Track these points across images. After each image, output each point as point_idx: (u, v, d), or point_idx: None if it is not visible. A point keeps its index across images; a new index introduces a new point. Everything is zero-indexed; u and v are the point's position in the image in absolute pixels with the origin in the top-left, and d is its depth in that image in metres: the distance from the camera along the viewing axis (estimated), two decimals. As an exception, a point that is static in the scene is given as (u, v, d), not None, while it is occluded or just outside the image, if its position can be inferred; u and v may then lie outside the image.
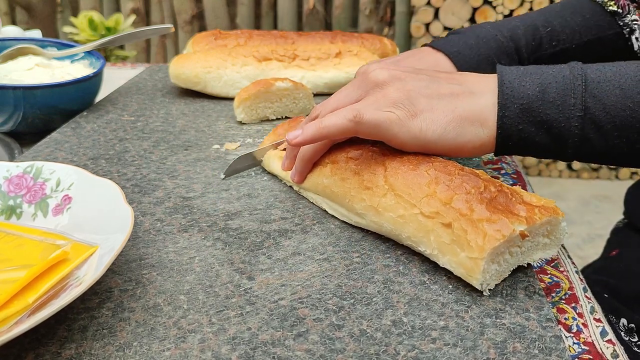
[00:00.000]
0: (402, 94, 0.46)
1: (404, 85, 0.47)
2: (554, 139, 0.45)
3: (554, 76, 0.45)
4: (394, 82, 0.47)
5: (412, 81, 0.47)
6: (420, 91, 0.46)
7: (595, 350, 0.37)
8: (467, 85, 0.47)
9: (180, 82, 0.81)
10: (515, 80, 0.45)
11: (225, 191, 0.54)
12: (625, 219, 0.77)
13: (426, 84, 0.47)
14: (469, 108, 0.46)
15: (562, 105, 0.44)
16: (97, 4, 2.74)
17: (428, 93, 0.46)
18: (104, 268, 0.36)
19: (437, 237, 0.41)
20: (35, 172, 0.48)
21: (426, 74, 0.48)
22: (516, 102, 0.45)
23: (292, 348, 0.35)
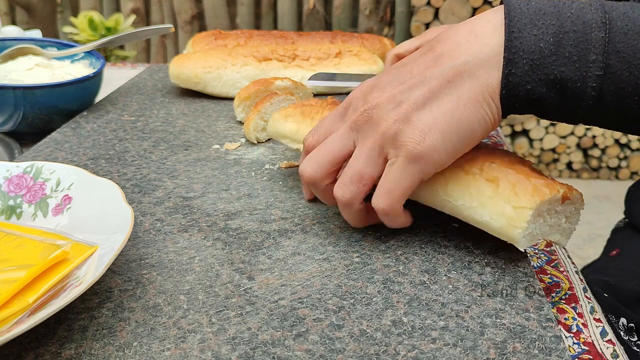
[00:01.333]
0: (383, 138, 0.41)
1: (377, 127, 0.41)
2: (566, 100, 0.39)
3: (573, 22, 0.38)
4: (366, 127, 0.42)
5: (384, 112, 0.41)
6: (397, 119, 0.41)
7: (595, 350, 0.37)
8: (458, 53, 0.40)
9: (180, 82, 0.81)
10: (527, 26, 0.38)
11: (225, 191, 0.54)
12: (625, 218, 0.77)
13: (398, 101, 0.41)
14: (466, 99, 0.40)
15: (580, 62, 0.38)
16: (97, 4, 2.74)
17: (406, 113, 0.41)
18: (104, 268, 0.36)
19: (479, 191, 0.41)
20: (35, 172, 0.48)
21: (398, 79, 0.42)
22: (526, 57, 0.38)
23: (292, 348, 0.35)
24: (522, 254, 0.44)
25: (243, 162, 0.61)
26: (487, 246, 0.45)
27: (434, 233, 0.47)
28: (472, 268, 0.42)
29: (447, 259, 0.44)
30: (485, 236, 0.46)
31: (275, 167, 0.60)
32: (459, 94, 0.40)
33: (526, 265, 0.43)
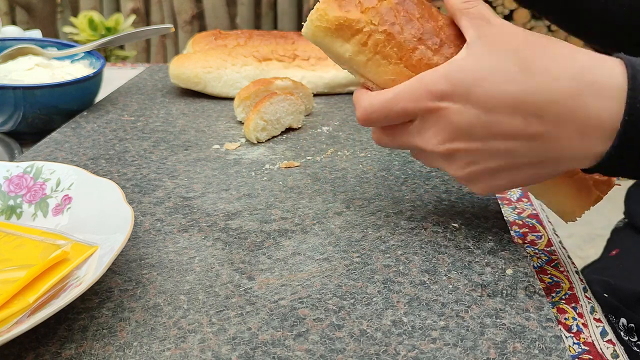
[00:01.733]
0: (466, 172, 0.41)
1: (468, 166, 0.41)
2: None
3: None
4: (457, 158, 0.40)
5: (458, 165, 0.41)
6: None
7: (595, 350, 0.37)
8: (558, 147, 0.37)
9: (180, 82, 0.81)
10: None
11: (225, 191, 0.54)
12: (625, 218, 0.77)
13: (474, 160, 0.40)
14: (544, 176, 0.40)
15: None
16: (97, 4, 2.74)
17: (477, 175, 0.41)
18: (104, 268, 0.36)
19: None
20: (35, 172, 0.48)
21: (487, 130, 0.38)
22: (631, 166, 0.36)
23: (292, 348, 0.35)
24: (522, 254, 0.44)
25: (243, 162, 0.61)
26: (487, 246, 0.45)
27: (434, 233, 0.47)
28: (472, 268, 0.42)
29: (447, 259, 0.44)
30: (485, 236, 0.46)
31: (275, 167, 0.60)
32: (538, 172, 0.39)
33: (526, 265, 0.43)
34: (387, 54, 0.42)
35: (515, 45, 0.37)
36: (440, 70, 0.39)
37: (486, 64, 0.37)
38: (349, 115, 0.75)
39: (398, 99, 0.40)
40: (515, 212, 0.54)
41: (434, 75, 0.39)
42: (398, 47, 0.41)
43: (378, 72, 0.42)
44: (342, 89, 0.83)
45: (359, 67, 0.43)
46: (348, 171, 0.58)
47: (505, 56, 0.37)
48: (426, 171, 0.58)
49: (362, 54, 0.42)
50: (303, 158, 0.62)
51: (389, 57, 0.42)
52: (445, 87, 0.38)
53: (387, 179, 0.56)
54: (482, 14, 0.39)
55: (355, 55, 0.42)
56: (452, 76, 0.38)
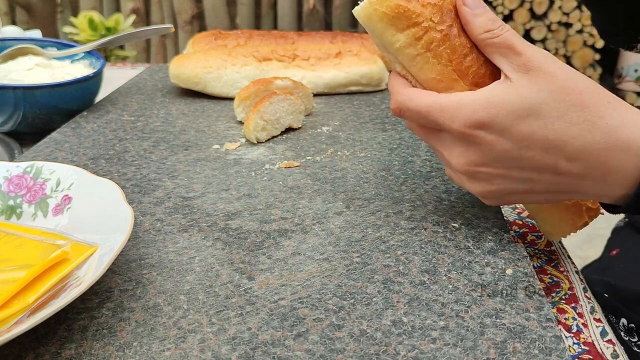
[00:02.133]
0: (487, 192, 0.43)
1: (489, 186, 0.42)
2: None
3: None
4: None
5: (481, 182, 0.42)
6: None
7: (595, 351, 0.37)
8: (579, 185, 0.39)
9: (180, 82, 0.81)
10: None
11: (225, 191, 0.54)
12: (625, 218, 0.77)
13: (497, 183, 0.41)
14: (559, 200, 0.43)
15: None
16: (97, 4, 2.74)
17: (499, 194, 0.42)
18: (104, 268, 0.36)
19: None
20: (35, 172, 0.48)
21: (515, 160, 0.40)
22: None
23: (292, 348, 0.35)
24: (522, 254, 0.44)
25: (243, 162, 0.61)
26: (487, 246, 0.45)
27: (434, 233, 0.47)
28: (472, 268, 0.42)
29: (447, 259, 0.44)
30: (485, 236, 0.46)
31: (275, 167, 0.60)
32: (552, 198, 0.42)
33: (526, 265, 0.43)
34: (439, 54, 0.41)
35: (555, 87, 0.38)
36: (480, 99, 0.39)
37: (527, 103, 0.38)
38: (349, 115, 0.75)
39: (435, 111, 0.41)
40: (515, 212, 0.54)
41: (474, 102, 0.39)
42: (451, 49, 0.41)
43: (424, 68, 0.42)
44: (342, 89, 0.83)
45: (405, 59, 0.42)
46: (348, 171, 0.58)
47: (545, 99, 0.38)
48: (426, 171, 0.58)
49: (413, 48, 0.41)
50: (303, 158, 0.62)
51: (439, 57, 0.41)
52: (484, 118, 0.39)
53: (387, 179, 0.56)
54: (510, 43, 0.39)
55: (406, 47, 0.41)
56: (492, 109, 0.39)
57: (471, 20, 0.40)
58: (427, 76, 0.42)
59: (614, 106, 0.38)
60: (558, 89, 0.38)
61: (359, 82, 0.83)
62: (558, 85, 0.38)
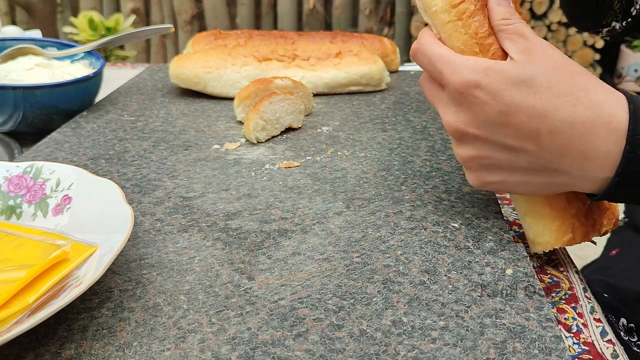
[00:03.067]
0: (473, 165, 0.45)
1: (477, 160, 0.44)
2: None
3: None
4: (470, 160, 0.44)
5: (466, 147, 0.44)
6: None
7: (595, 350, 0.37)
8: (560, 162, 0.41)
9: (180, 82, 0.81)
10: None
11: (225, 191, 0.54)
12: (625, 218, 0.77)
13: (485, 155, 0.43)
14: (541, 186, 0.43)
15: None
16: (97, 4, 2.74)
17: (479, 165, 0.44)
18: (104, 268, 0.36)
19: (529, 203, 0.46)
20: (35, 172, 0.48)
21: (502, 129, 0.42)
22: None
23: (292, 348, 0.35)
24: (522, 254, 0.44)
25: (243, 162, 0.61)
26: (487, 246, 0.45)
27: (434, 233, 0.47)
28: (472, 268, 0.42)
29: (447, 259, 0.44)
30: (485, 236, 0.46)
31: (275, 167, 0.60)
32: (532, 179, 0.43)
33: (526, 265, 0.43)
34: (468, 24, 0.43)
35: (550, 66, 0.41)
36: (483, 63, 0.42)
37: (521, 72, 0.41)
38: (349, 115, 0.75)
39: (441, 61, 0.43)
40: (515, 212, 0.54)
41: (477, 64, 0.42)
42: (480, 23, 0.43)
43: (452, 36, 0.44)
44: (342, 89, 0.83)
45: (439, 23, 0.44)
46: (348, 171, 0.58)
47: (537, 72, 0.40)
48: (426, 171, 0.58)
49: (447, 14, 0.43)
50: (303, 158, 0.62)
51: (467, 27, 0.43)
52: (481, 78, 0.41)
53: (387, 179, 0.56)
54: (520, 31, 0.43)
55: (441, 12, 0.44)
56: (490, 73, 0.41)
57: (494, 8, 0.44)
58: (453, 44, 0.44)
59: (600, 86, 0.41)
60: (553, 65, 0.41)
61: (359, 82, 0.83)
62: (554, 63, 0.41)
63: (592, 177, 0.40)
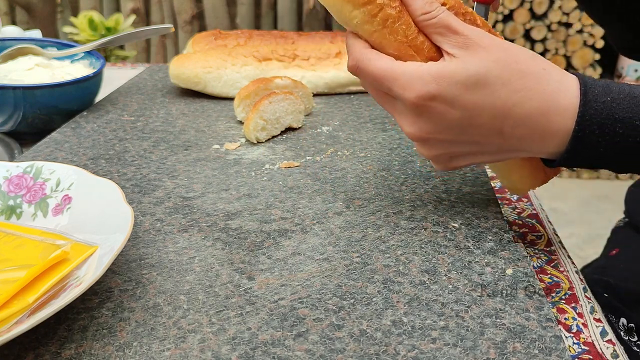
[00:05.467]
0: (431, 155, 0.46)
1: (429, 150, 0.45)
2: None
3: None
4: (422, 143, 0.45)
5: (430, 146, 0.45)
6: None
7: (595, 350, 0.37)
8: (522, 145, 0.43)
9: (180, 82, 0.81)
10: (595, 132, 0.40)
11: (225, 191, 0.54)
12: (625, 218, 0.77)
13: (448, 150, 0.44)
14: (506, 158, 0.46)
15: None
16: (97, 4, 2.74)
17: (447, 158, 0.46)
18: (104, 268, 0.36)
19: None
20: (35, 172, 0.48)
21: (463, 125, 0.42)
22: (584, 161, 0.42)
23: (292, 348, 0.35)
24: (522, 254, 0.44)
25: (243, 162, 0.61)
26: (487, 246, 0.45)
27: (434, 233, 0.47)
28: (472, 268, 0.42)
29: (447, 259, 0.44)
30: (485, 236, 0.46)
31: (275, 167, 0.60)
32: (497, 158, 0.45)
33: (526, 265, 0.43)
34: (395, 30, 0.42)
35: (496, 57, 0.41)
36: (431, 72, 0.42)
37: (472, 74, 0.41)
38: (349, 115, 0.75)
39: (388, 78, 0.42)
40: (515, 212, 0.54)
41: (424, 74, 0.42)
42: (407, 25, 0.42)
43: (382, 44, 0.43)
44: (342, 89, 0.83)
45: (365, 35, 0.43)
46: (348, 171, 0.58)
47: (487, 69, 0.41)
48: (426, 171, 0.58)
49: (370, 25, 0.42)
50: (303, 158, 0.62)
51: (395, 34, 0.42)
52: (434, 89, 0.41)
53: (387, 179, 0.56)
54: (446, 23, 0.42)
55: (363, 24, 0.42)
56: (441, 81, 0.41)
57: (410, 3, 0.43)
58: (386, 51, 0.43)
59: (550, 72, 0.42)
60: (498, 58, 0.41)
61: (359, 82, 0.83)
62: (498, 55, 0.41)
63: (550, 151, 0.43)
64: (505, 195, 0.57)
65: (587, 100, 0.40)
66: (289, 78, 0.73)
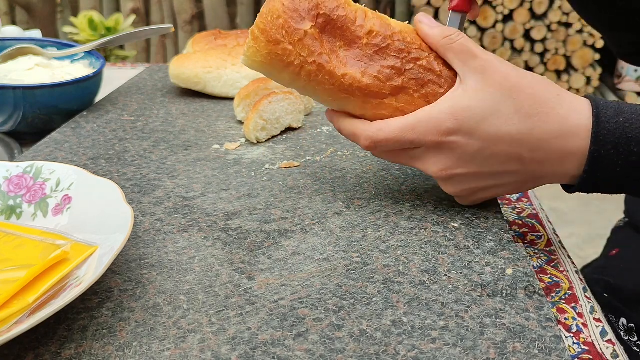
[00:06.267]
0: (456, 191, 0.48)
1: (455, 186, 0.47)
2: None
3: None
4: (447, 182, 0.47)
5: (456, 183, 0.46)
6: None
7: (595, 350, 0.37)
8: (541, 170, 0.44)
9: (180, 82, 0.81)
10: (611, 151, 0.41)
11: (225, 191, 0.54)
12: (625, 218, 0.77)
13: (470, 184, 0.46)
14: (525, 188, 0.47)
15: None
16: (97, 4, 2.74)
17: (471, 192, 0.47)
18: (104, 268, 0.36)
19: None
20: (35, 172, 0.48)
21: (483, 158, 0.44)
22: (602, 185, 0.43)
23: (292, 348, 0.35)
24: (522, 254, 0.44)
25: (243, 162, 0.61)
26: (487, 246, 0.45)
27: (434, 233, 0.47)
28: (472, 268, 0.42)
29: (447, 259, 0.44)
30: (485, 236, 0.46)
31: (275, 167, 0.60)
32: (519, 188, 0.47)
33: (526, 265, 0.43)
34: (321, 81, 0.46)
35: (509, 86, 0.43)
36: (445, 109, 0.44)
37: (487, 104, 0.43)
38: (349, 115, 0.75)
39: (407, 132, 0.45)
40: (515, 212, 0.54)
41: (440, 113, 0.44)
42: (329, 75, 0.45)
43: (317, 94, 0.47)
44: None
45: (300, 90, 0.47)
46: (348, 171, 0.58)
47: (502, 97, 0.43)
48: (426, 171, 0.58)
49: (299, 82, 0.46)
50: (303, 158, 0.62)
51: (323, 84, 0.46)
52: (453, 125, 0.43)
53: (387, 179, 0.56)
54: (466, 47, 0.44)
55: (292, 82, 0.47)
56: (458, 114, 0.43)
57: (429, 33, 0.46)
58: (323, 99, 0.47)
59: (563, 97, 0.43)
60: (512, 86, 0.43)
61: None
62: (511, 83, 0.43)
63: (569, 174, 0.44)
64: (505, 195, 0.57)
65: (600, 121, 0.41)
66: (289, 78, 0.73)
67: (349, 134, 0.47)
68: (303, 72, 0.45)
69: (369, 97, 0.45)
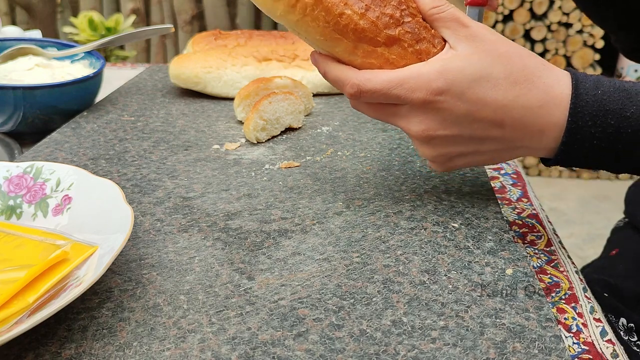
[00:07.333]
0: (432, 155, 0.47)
1: (433, 150, 0.46)
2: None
3: (632, 123, 0.41)
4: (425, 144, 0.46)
5: (435, 145, 0.46)
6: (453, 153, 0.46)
7: (595, 350, 0.37)
8: (520, 138, 0.44)
9: (180, 82, 0.81)
10: (588, 123, 0.42)
11: (225, 191, 0.54)
12: (625, 218, 0.77)
13: (450, 150, 0.46)
14: (504, 158, 0.47)
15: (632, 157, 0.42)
16: (97, 4, 2.74)
17: (448, 157, 0.46)
18: (104, 268, 0.36)
19: None
20: (35, 172, 0.48)
21: (464, 125, 0.44)
22: (581, 154, 0.43)
23: (292, 348, 0.35)
24: (522, 254, 0.44)
25: (243, 162, 0.61)
26: (487, 246, 0.45)
27: (434, 233, 0.47)
28: (472, 268, 0.42)
29: (447, 259, 0.44)
30: (485, 236, 0.46)
31: (275, 167, 0.60)
32: (496, 157, 0.47)
33: (526, 265, 0.43)
34: (316, 17, 0.43)
35: (499, 53, 0.43)
36: (436, 68, 0.43)
37: (478, 67, 0.43)
38: (349, 115, 0.75)
39: (395, 86, 0.44)
40: (515, 212, 0.54)
41: (430, 72, 0.43)
42: (326, 11, 0.43)
43: (308, 31, 0.44)
44: (342, 89, 0.83)
45: (290, 25, 0.45)
46: (348, 171, 0.58)
47: (492, 62, 0.43)
48: (426, 171, 0.58)
49: (292, 15, 0.44)
50: (303, 158, 0.62)
51: (317, 20, 0.44)
52: (443, 84, 0.43)
53: (387, 179, 0.56)
54: (455, 16, 0.44)
55: (286, 15, 0.44)
56: (449, 75, 0.43)
57: (420, 1, 0.45)
58: (314, 37, 0.45)
59: (548, 67, 0.44)
60: (502, 54, 0.43)
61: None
62: (501, 51, 0.43)
63: (548, 147, 0.44)
64: (505, 195, 0.57)
65: (578, 93, 0.42)
66: (289, 78, 0.73)
67: (334, 79, 0.46)
68: (299, 4, 0.43)
69: (362, 42, 0.44)
